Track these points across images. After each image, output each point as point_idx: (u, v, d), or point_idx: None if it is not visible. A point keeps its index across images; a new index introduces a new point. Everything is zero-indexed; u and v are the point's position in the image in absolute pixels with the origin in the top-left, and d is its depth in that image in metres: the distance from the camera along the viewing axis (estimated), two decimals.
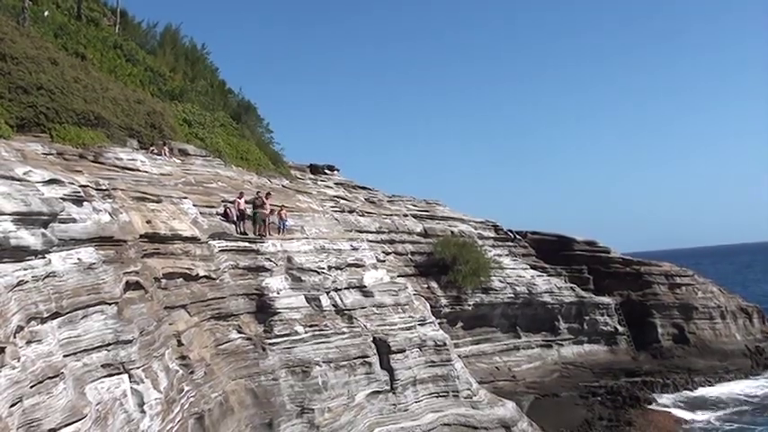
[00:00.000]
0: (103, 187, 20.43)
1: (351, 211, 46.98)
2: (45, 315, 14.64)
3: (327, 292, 29.68)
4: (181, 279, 22.70)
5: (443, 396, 32.89)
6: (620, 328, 60.89)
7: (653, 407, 48.50)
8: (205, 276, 23.92)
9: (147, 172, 26.96)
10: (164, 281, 21.54)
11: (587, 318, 59.54)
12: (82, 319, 15.80)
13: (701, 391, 52.23)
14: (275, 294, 27.06)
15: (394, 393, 30.71)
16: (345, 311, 30.13)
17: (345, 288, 30.97)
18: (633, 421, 44.16)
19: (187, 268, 22.98)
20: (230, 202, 28.72)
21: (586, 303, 59.70)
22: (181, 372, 19.89)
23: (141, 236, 20.95)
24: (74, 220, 17.09)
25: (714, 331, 62.56)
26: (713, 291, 66.05)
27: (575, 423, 43.63)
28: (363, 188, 56.61)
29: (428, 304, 43.05)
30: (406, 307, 34.01)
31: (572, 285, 60.50)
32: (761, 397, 50.51)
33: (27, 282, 14.47)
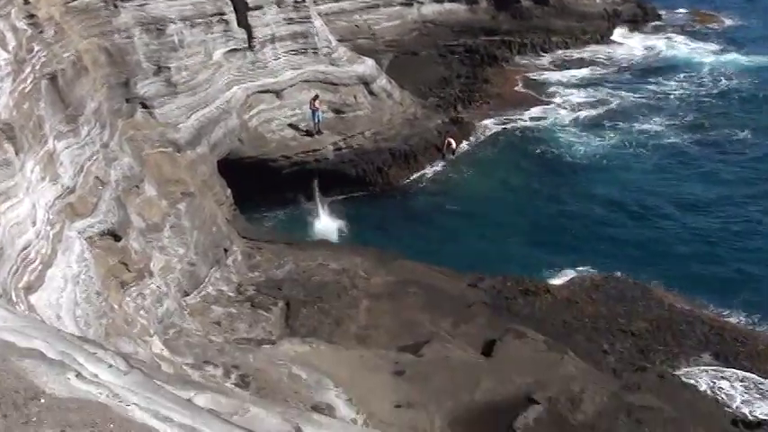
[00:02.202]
0: None
1: None
2: None
3: None
4: None
5: (302, 53, 33.51)
6: None
7: (509, 65, 50.57)
8: None
9: None
10: None
11: None
12: None
13: (557, 53, 54.31)
14: None
15: (252, 51, 31.12)
16: None
17: None
18: (489, 79, 46.20)
19: None
20: None
21: None
22: (30, 31, 19.45)
23: None
24: None
25: None
26: None
27: (433, 80, 45.40)
28: None
29: None
30: None
31: None
32: (610, 59, 53.30)
33: None
